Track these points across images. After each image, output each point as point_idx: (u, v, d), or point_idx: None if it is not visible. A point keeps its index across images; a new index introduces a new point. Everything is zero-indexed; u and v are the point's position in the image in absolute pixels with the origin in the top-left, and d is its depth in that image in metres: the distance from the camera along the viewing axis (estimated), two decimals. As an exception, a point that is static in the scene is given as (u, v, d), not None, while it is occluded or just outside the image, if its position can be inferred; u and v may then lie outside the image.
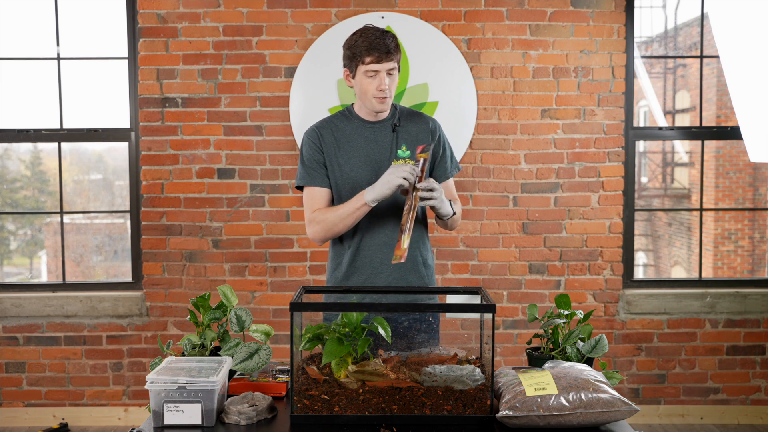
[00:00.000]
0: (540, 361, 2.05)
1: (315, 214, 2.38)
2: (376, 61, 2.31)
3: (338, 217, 2.33)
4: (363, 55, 2.31)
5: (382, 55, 2.30)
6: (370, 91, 2.35)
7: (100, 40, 5.42)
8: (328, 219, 2.35)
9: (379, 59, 2.31)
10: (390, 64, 2.32)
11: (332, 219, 2.34)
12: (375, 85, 2.34)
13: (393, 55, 2.32)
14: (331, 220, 2.35)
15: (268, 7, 3.96)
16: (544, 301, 4.04)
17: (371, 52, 2.30)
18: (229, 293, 2.14)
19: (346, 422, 1.77)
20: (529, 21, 3.98)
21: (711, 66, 10.03)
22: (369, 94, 2.36)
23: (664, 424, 4.13)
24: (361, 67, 2.33)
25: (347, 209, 2.32)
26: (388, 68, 2.33)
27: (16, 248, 12.61)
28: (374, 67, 2.32)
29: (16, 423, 4.10)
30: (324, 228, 2.36)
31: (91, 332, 4.07)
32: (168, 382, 1.76)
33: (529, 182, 4.03)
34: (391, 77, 2.35)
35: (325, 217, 2.36)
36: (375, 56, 2.30)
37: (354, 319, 1.86)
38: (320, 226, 2.37)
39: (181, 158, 4.01)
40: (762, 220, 10.65)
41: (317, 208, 2.41)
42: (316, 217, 2.38)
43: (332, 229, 2.36)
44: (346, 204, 2.33)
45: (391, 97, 2.39)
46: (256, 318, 3.94)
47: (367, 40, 2.31)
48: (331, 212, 2.35)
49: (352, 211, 2.31)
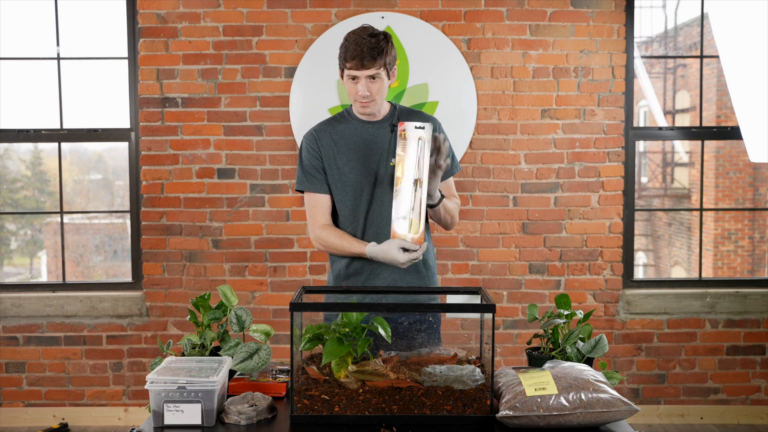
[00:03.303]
0: (540, 361, 2.05)
1: (322, 234, 2.45)
2: (356, 68, 2.30)
3: (338, 249, 2.43)
4: (346, 60, 2.31)
5: (363, 62, 2.28)
6: (352, 95, 2.38)
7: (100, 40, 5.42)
8: (330, 245, 2.44)
9: (359, 66, 2.29)
10: (371, 70, 2.30)
11: (334, 247, 2.44)
12: (355, 90, 2.35)
13: (375, 61, 2.29)
14: (333, 247, 2.44)
15: (268, 7, 3.96)
16: (544, 301, 4.04)
17: (352, 58, 2.29)
18: (229, 293, 2.14)
19: (346, 422, 1.77)
20: (529, 21, 3.98)
21: (711, 66, 10.03)
22: (352, 98, 2.39)
23: (664, 424, 4.13)
24: (345, 71, 2.35)
25: (347, 248, 2.40)
26: (369, 74, 2.31)
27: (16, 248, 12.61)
28: (353, 73, 2.32)
29: (16, 423, 4.10)
30: (325, 248, 2.48)
31: (91, 332, 4.07)
32: (168, 382, 1.76)
33: (529, 182, 4.03)
34: (375, 82, 2.33)
35: (328, 242, 2.44)
36: (355, 62, 2.29)
37: (354, 319, 1.86)
38: (322, 246, 2.47)
39: (181, 158, 4.01)
40: (762, 220, 10.65)
41: (320, 217, 2.46)
42: (320, 237, 2.46)
43: (332, 251, 2.47)
44: (349, 242, 2.40)
45: (377, 101, 2.37)
46: (256, 318, 3.94)
47: (353, 45, 2.30)
48: (335, 240, 2.42)
49: (351, 251, 2.40)
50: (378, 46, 2.29)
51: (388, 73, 2.37)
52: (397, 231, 2.22)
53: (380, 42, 2.30)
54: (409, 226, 2.21)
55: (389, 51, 2.34)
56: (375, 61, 2.29)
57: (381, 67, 2.32)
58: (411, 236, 2.21)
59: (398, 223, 2.21)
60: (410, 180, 2.19)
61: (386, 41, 2.33)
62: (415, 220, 2.20)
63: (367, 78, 2.32)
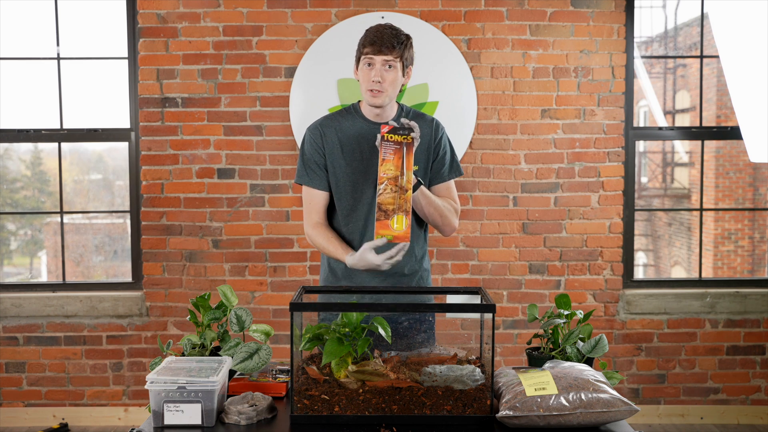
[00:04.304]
0: (540, 361, 2.05)
1: (312, 232, 2.47)
2: (373, 52, 2.31)
3: (324, 249, 2.45)
4: (365, 45, 2.33)
5: (382, 47, 2.30)
6: (365, 82, 2.35)
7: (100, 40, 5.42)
8: (318, 244, 2.47)
9: (377, 50, 2.30)
10: (388, 56, 2.30)
11: (321, 247, 2.46)
12: (370, 75, 2.33)
13: (394, 49, 2.30)
14: (320, 247, 2.47)
15: (268, 7, 3.96)
16: (544, 301, 4.04)
17: (371, 43, 2.31)
18: (229, 293, 2.14)
19: (346, 422, 1.77)
20: (529, 21, 3.98)
21: (711, 66, 10.03)
22: (364, 86, 2.36)
23: (664, 424, 4.13)
24: (362, 58, 2.35)
25: (332, 252, 2.42)
26: (386, 59, 2.31)
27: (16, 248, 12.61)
28: (370, 58, 2.32)
29: (16, 423, 4.10)
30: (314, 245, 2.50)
31: (91, 332, 4.07)
32: (168, 382, 1.76)
33: (529, 182, 4.03)
34: (390, 71, 2.32)
35: (316, 242, 2.47)
36: (373, 47, 2.31)
37: (354, 319, 1.86)
38: (313, 243, 2.50)
39: (181, 158, 4.01)
40: (762, 220, 10.65)
41: (315, 215, 2.47)
42: (311, 235, 2.48)
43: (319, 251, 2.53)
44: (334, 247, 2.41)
45: (389, 94, 2.35)
46: (256, 318, 3.94)
47: (373, 32, 2.33)
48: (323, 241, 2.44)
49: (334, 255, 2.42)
50: (398, 37, 2.32)
51: (403, 68, 2.36)
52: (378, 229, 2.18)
53: (400, 35, 2.34)
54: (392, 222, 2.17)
55: (409, 46, 2.36)
56: (393, 49, 2.30)
57: (398, 58, 2.32)
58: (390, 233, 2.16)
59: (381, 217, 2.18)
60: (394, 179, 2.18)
61: (407, 37, 2.36)
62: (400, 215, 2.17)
63: (382, 64, 2.32)
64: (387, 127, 2.21)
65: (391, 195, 2.16)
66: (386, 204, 2.16)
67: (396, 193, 2.17)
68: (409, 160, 2.18)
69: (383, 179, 2.17)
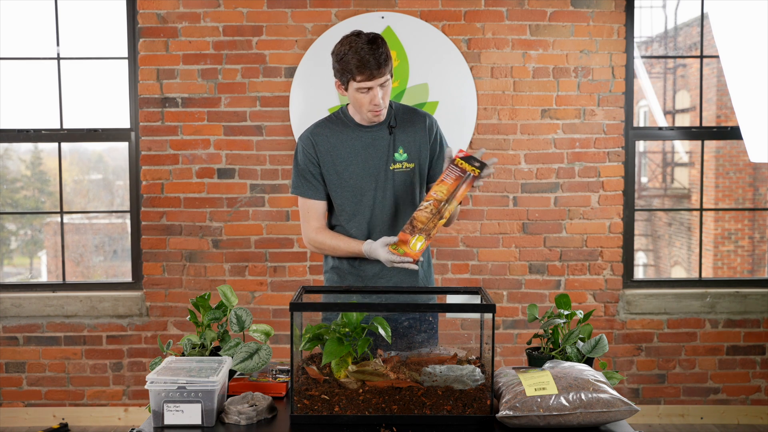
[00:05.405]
0: (540, 361, 2.05)
1: (317, 237, 2.45)
2: (368, 79, 2.26)
3: (333, 249, 2.43)
4: (354, 73, 2.26)
5: (374, 72, 2.25)
6: (364, 105, 2.33)
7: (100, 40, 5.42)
8: (325, 246, 2.44)
9: (371, 76, 2.25)
10: (382, 78, 2.28)
11: (328, 247, 2.44)
12: (368, 99, 2.31)
13: (384, 68, 2.27)
14: (327, 248, 2.44)
15: (268, 7, 3.96)
16: (544, 301, 4.04)
17: (362, 71, 2.24)
18: (229, 293, 2.14)
19: (346, 422, 1.77)
20: (529, 21, 3.98)
21: (711, 66, 10.03)
22: (364, 108, 2.34)
23: (664, 424, 4.13)
24: (353, 84, 2.29)
25: (344, 248, 2.40)
26: (381, 82, 2.28)
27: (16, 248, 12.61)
28: (366, 85, 2.27)
29: (16, 423, 4.10)
30: (319, 250, 2.48)
31: (91, 332, 4.07)
32: (168, 382, 1.76)
33: (529, 182, 4.03)
34: (385, 88, 2.31)
35: (322, 244, 2.45)
36: (366, 74, 2.25)
37: (354, 319, 1.86)
38: (316, 248, 2.48)
39: (181, 158, 4.01)
40: (762, 220, 10.65)
41: (315, 222, 2.46)
42: (315, 240, 2.46)
43: (327, 253, 2.48)
44: (345, 242, 2.40)
45: (386, 107, 2.36)
46: (256, 318, 3.94)
47: (357, 56, 2.24)
48: (330, 240, 2.43)
49: (347, 252, 2.40)
50: (379, 53, 2.26)
51: (391, 75, 2.36)
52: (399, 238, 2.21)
53: (381, 47, 2.27)
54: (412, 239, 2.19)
55: (389, 53, 2.32)
56: (384, 67, 2.27)
57: (388, 73, 2.31)
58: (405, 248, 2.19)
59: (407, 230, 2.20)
60: (439, 202, 2.19)
61: (384, 44, 2.30)
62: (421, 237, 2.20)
63: (379, 86, 2.29)
64: (463, 153, 2.22)
65: (428, 215, 2.19)
66: (418, 221, 2.20)
67: (433, 216, 2.20)
68: (463, 192, 2.20)
69: (431, 197, 2.20)
